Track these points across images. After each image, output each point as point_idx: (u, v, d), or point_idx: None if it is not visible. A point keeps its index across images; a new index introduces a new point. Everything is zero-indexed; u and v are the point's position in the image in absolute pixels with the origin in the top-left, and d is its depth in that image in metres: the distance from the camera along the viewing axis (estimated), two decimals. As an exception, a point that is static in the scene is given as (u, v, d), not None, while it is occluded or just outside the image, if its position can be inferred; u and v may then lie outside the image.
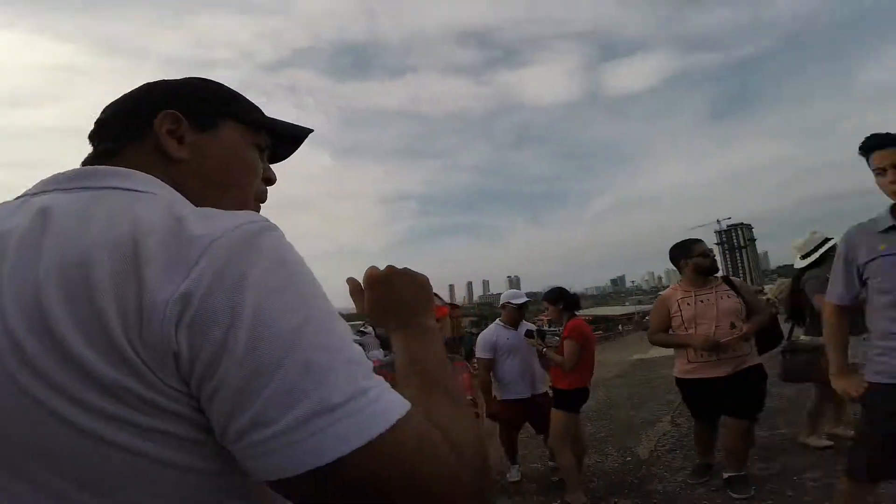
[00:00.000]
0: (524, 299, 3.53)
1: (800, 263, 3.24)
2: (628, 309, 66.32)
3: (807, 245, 3.24)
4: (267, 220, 0.43)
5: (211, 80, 0.59)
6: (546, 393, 3.30)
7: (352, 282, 0.65)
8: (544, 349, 3.04)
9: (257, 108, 0.61)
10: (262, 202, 0.62)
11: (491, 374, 3.31)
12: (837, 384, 1.84)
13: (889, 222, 1.61)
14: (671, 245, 3.04)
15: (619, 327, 37.65)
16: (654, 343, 3.06)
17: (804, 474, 2.87)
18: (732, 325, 2.71)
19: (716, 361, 2.69)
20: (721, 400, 2.73)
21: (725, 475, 2.84)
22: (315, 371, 0.36)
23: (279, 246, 0.41)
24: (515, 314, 3.43)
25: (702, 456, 3.12)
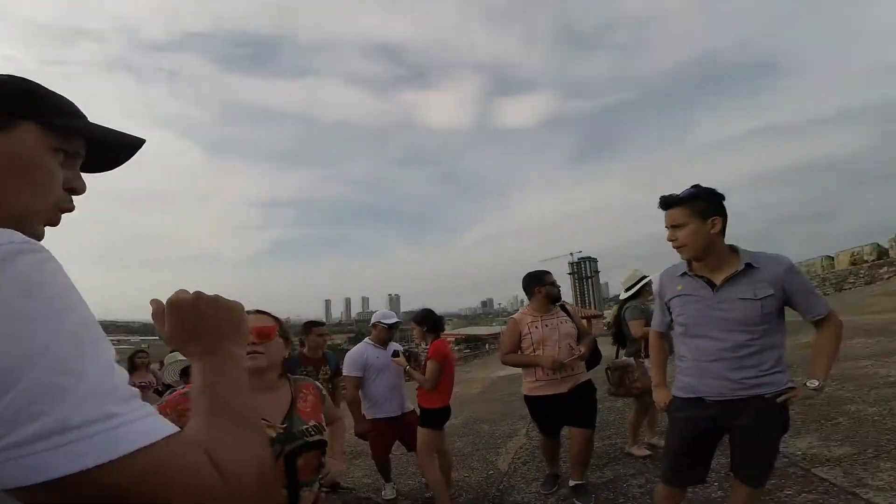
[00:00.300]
0: (394, 319, 3.58)
1: (623, 295, 3.74)
2: (495, 329, 70.38)
3: (628, 280, 3.73)
4: (27, 242, 0.43)
5: (17, 78, 0.56)
6: (414, 411, 3.39)
7: (155, 303, 0.63)
8: (406, 368, 3.15)
9: (76, 111, 0.59)
10: (67, 211, 0.59)
11: (360, 391, 3.34)
12: (655, 396, 2.13)
13: (684, 269, 1.91)
14: (525, 273, 3.28)
15: (486, 346, 39.61)
16: (506, 363, 3.19)
17: (632, 481, 3.14)
18: (571, 347, 3.04)
19: (559, 379, 2.98)
20: (564, 413, 3.03)
21: (571, 483, 3.05)
22: (52, 393, 0.38)
23: (35, 270, 0.42)
24: (385, 334, 3.48)
25: (550, 466, 3.36)
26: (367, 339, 3.52)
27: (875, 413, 3.41)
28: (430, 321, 3.25)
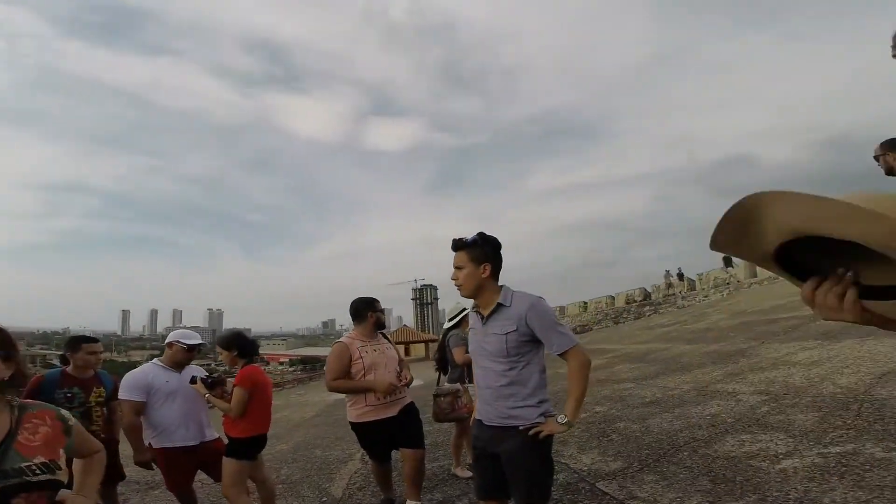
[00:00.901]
0: (196, 340, 3.26)
1: (447, 325, 4.01)
2: (334, 351, 68.03)
3: (452, 311, 4.14)
4: None
5: None
6: (220, 439, 3.17)
7: None
8: (207, 395, 2.98)
9: None
10: None
11: (143, 418, 3.02)
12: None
13: (474, 305, 2.10)
14: (356, 298, 3.32)
15: (324, 368, 37.99)
16: (335, 389, 3.11)
17: (457, 503, 3.28)
18: (398, 372, 3.18)
19: (388, 403, 3.06)
20: (394, 437, 3.10)
21: None
22: None
23: None
24: (182, 355, 3.18)
25: (385, 491, 3.37)
26: (156, 360, 3.22)
27: (637, 430, 3.95)
28: (239, 344, 3.07)
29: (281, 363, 66.48)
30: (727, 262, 21.21)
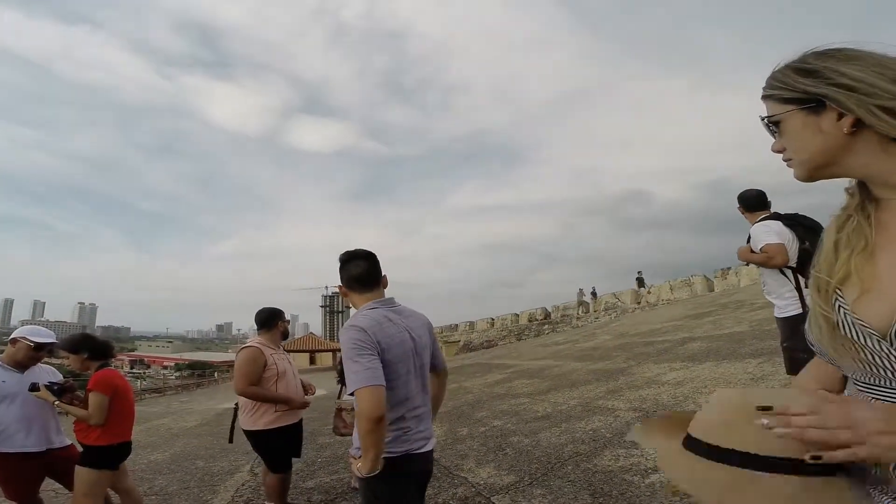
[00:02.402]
0: (48, 339, 3.02)
1: None
2: (231, 356, 63.61)
3: None
4: None
5: None
6: (73, 446, 2.97)
7: None
8: (56, 403, 2.79)
9: None
10: None
11: None
12: None
13: None
14: (265, 306, 3.42)
15: (216, 374, 35.30)
16: (248, 395, 3.02)
17: None
18: (302, 381, 3.35)
19: (293, 410, 3.19)
20: (292, 444, 3.21)
21: None
22: None
23: None
24: (26, 354, 2.92)
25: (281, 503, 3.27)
26: None
27: (528, 444, 4.14)
28: (90, 346, 2.90)
29: (165, 367, 60.40)
30: (640, 283, 22.70)
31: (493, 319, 28.30)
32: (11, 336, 2.98)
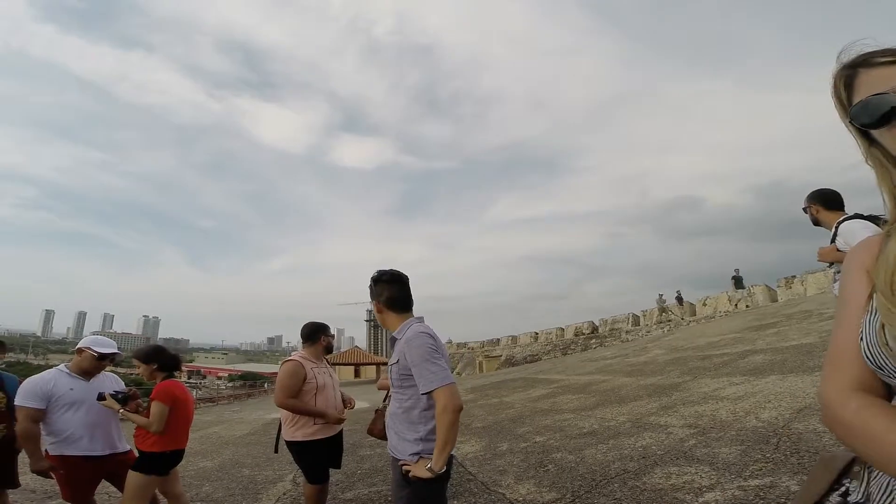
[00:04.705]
0: (111, 350, 3.14)
1: None
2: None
3: None
4: None
5: None
6: (132, 451, 3.07)
7: None
8: (121, 411, 2.92)
9: None
10: None
11: (43, 425, 2.88)
12: None
13: None
14: (311, 321, 3.47)
15: (266, 385, 36.52)
16: (286, 407, 3.09)
17: None
18: (342, 395, 3.41)
19: (332, 423, 3.22)
20: (331, 456, 3.24)
21: None
22: None
23: None
24: (91, 363, 3.04)
25: None
26: (62, 366, 3.07)
27: (572, 461, 3.99)
28: (160, 358, 3.04)
29: (219, 377, 63.26)
30: (737, 284, 19.93)
31: (536, 333, 27.69)
32: (77, 346, 3.12)
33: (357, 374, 37.60)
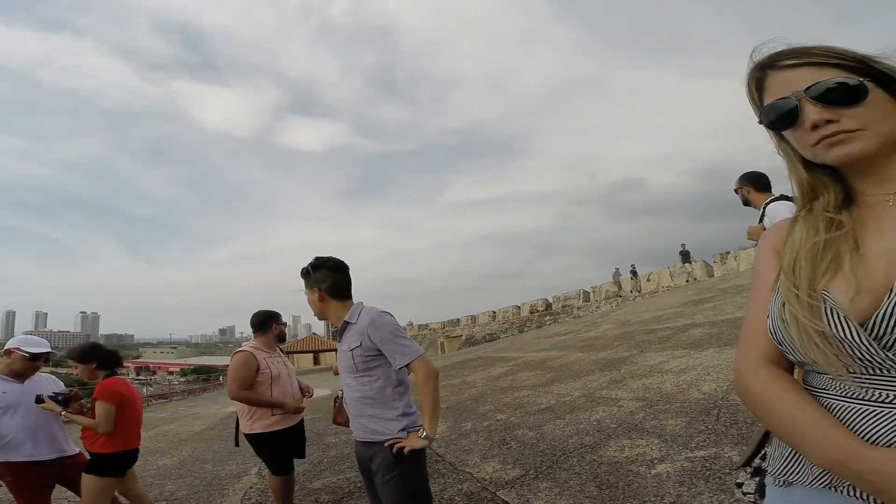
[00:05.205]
0: (43, 349, 3.00)
1: None
2: (234, 360, 63.95)
3: None
4: None
5: None
6: (82, 454, 3.00)
7: None
8: (62, 413, 2.82)
9: None
10: None
11: None
12: None
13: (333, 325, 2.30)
14: (260, 309, 3.40)
15: (220, 378, 35.37)
16: (241, 399, 3.05)
17: None
18: (300, 384, 3.37)
19: (290, 414, 3.19)
20: (294, 446, 3.23)
21: None
22: None
23: None
24: (22, 364, 2.91)
25: None
26: None
27: (533, 437, 4.15)
28: (96, 356, 2.93)
29: (170, 373, 60.63)
30: (685, 258, 21.08)
31: (494, 312, 28.35)
32: (5, 347, 2.96)
33: (316, 361, 37.12)
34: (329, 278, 2.08)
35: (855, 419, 0.66)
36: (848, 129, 0.68)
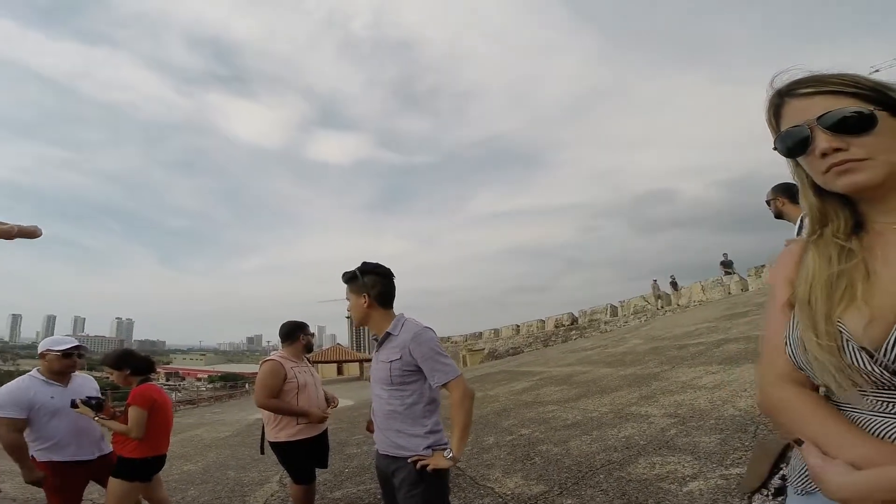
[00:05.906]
0: (70, 344, 3.04)
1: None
2: (261, 368, 65.21)
3: None
4: None
5: None
6: (113, 452, 3.01)
7: None
8: (95, 418, 2.84)
9: None
10: None
11: (29, 433, 2.81)
12: None
13: (372, 334, 2.10)
14: (289, 319, 3.41)
15: (247, 386, 36.01)
16: (267, 408, 3.05)
17: None
18: (325, 394, 3.38)
19: (315, 423, 3.19)
20: (317, 455, 3.22)
21: None
22: None
23: None
24: (59, 364, 2.96)
25: None
26: (34, 372, 2.97)
27: (558, 453, 4.04)
28: (131, 363, 2.97)
29: (199, 379, 62.15)
30: (728, 267, 19.59)
31: (518, 326, 27.97)
32: (39, 351, 3.02)
33: (340, 371, 37.38)
34: (379, 284, 2.04)
35: (880, 430, 0.68)
36: (856, 157, 0.70)
